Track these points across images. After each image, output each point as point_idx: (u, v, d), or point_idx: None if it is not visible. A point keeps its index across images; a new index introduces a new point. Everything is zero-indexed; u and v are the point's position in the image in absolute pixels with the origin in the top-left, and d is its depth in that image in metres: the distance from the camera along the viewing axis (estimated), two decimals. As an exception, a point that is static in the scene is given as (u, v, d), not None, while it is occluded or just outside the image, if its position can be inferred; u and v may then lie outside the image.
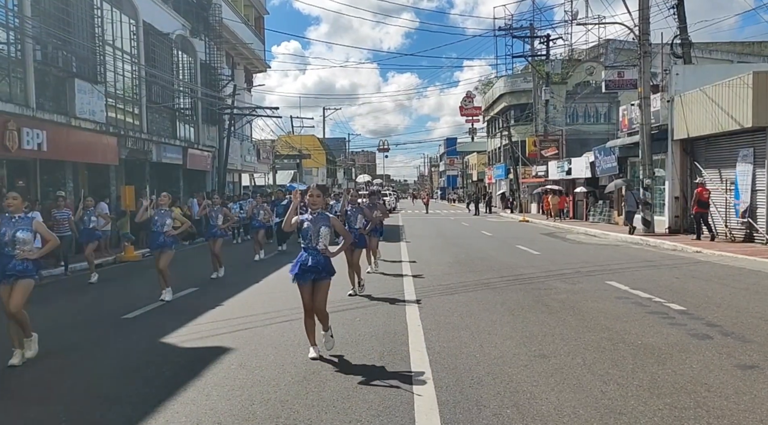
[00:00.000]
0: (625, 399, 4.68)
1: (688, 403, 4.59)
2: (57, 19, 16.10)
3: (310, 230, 5.93)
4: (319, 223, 5.96)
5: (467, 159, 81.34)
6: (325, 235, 5.92)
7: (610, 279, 11.04)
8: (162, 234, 9.65)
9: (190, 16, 26.45)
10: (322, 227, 5.94)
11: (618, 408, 4.50)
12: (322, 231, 5.94)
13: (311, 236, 5.92)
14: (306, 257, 5.92)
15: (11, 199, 6.25)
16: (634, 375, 5.28)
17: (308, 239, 5.94)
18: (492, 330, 7.10)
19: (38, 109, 15.40)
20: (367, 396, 4.86)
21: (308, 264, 5.87)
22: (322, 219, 6.00)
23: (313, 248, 5.91)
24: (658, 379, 5.17)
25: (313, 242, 5.91)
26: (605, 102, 42.19)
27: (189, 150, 25.81)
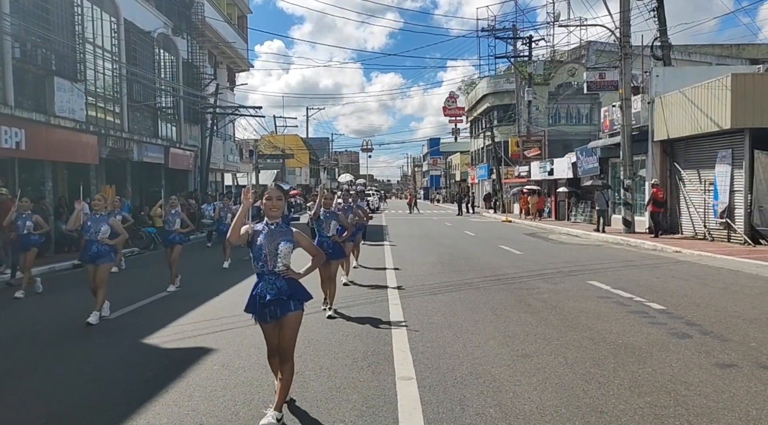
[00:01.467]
0: (607, 398, 4.73)
1: (668, 402, 4.65)
2: (36, 16, 15.87)
3: (264, 248, 4.35)
4: (277, 239, 4.38)
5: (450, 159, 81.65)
6: (285, 254, 4.40)
7: (592, 278, 11.14)
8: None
9: (172, 15, 26.23)
10: (281, 243, 4.37)
11: (599, 406, 4.55)
12: (282, 249, 4.37)
13: (266, 256, 4.36)
14: (263, 287, 4.38)
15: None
16: (615, 374, 5.34)
17: (262, 260, 4.37)
18: (475, 329, 7.13)
19: (16, 107, 15.18)
20: (350, 396, 4.86)
21: (267, 297, 4.34)
22: (282, 233, 4.42)
23: (271, 272, 4.38)
24: (638, 378, 5.23)
25: (270, 264, 4.36)
26: (587, 103, 42.60)
27: (171, 149, 25.59)
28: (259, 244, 4.37)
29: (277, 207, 4.43)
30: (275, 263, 4.37)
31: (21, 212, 10.59)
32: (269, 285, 4.37)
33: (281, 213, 4.47)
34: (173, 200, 11.25)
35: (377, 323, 7.56)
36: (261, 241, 4.37)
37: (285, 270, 4.40)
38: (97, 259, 8.15)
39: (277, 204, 4.43)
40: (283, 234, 4.43)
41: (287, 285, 4.40)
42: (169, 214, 10.89)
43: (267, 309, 4.36)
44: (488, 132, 45.49)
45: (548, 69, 41.99)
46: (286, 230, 4.47)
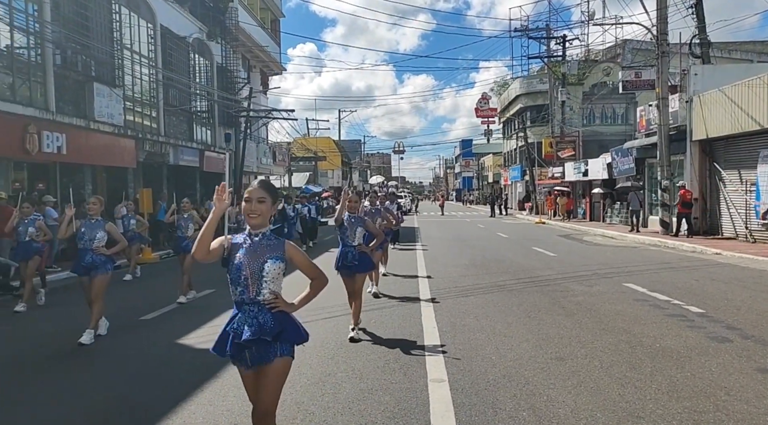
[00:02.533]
0: (643, 403, 4.64)
1: (708, 407, 4.54)
2: (76, 23, 16.30)
3: (244, 269, 3.23)
4: (262, 255, 3.26)
5: (483, 160, 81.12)
6: (273, 276, 3.26)
7: (628, 281, 10.94)
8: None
9: (206, 20, 26.65)
10: (267, 262, 3.24)
11: (636, 411, 4.46)
12: (268, 269, 3.24)
13: (246, 280, 3.24)
14: (240, 321, 3.26)
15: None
16: (652, 379, 5.23)
17: (241, 285, 3.25)
18: (508, 332, 7.07)
19: (58, 112, 15.60)
20: (382, 398, 4.86)
21: (243, 335, 3.20)
22: (269, 247, 3.29)
23: (252, 301, 3.25)
24: (676, 383, 5.12)
25: (251, 291, 3.24)
26: (622, 103, 41.88)
27: (205, 152, 26.00)
28: (238, 263, 3.22)
29: (257, 212, 3.24)
30: (258, 289, 3.24)
31: (23, 218, 9.72)
32: (249, 318, 3.22)
33: (267, 220, 3.32)
34: (185, 203, 10.61)
35: (409, 325, 7.55)
36: (240, 259, 3.22)
37: (273, 299, 3.25)
38: (91, 270, 7.21)
39: (258, 208, 3.24)
40: (271, 249, 3.26)
41: (273, 321, 3.22)
42: (181, 219, 10.37)
43: (245, 353, 3.26)
44: (521, 133, 45.09)
45: (582, 69, 41.43)
46: (276, 243, 3.29)
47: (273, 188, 3.36)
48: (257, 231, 3.29)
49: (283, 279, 3.35)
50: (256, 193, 3.26)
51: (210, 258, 3.24)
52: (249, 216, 3.25)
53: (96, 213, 7.35)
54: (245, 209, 3.24)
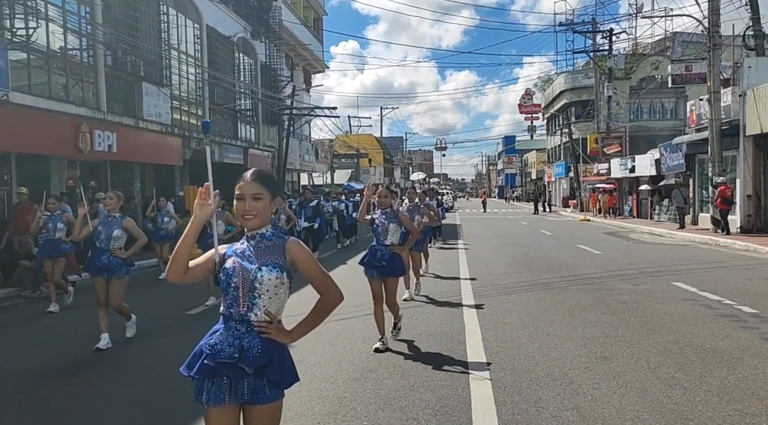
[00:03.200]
0: (692, 405, 4.51)
1: (760, 409, 4.39)
2: (126, 25, 16.76)
3: (236, 276, 2.56)
4: (258, 261, 2.58)
5: (526, 157, 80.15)
6: (269, 289, 2.55)
7: (677, 280, 10.66)
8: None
9: (251, 19, 27.04)
10: (263, 269, 2.55)
11: (684, 413, 4.35)
12: (263, 280, 2.54)
13: (237, 290, 2.56)
14: (221, 338, 2.57)
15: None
16: (702, 380, 5.09)
17: (230, 296, 2.58)
18: (551, 331, 6.97)
19: (109, 112, 16.07)
20: (424, 394, 4.86)
21: (218, 355, 2.52)
22: (268, 250, 2.61)
23: (241, 319, 2.57)
24: (727, 384, 4.96)
25: (241, 304, 2.57)
26: (672, 97, 40.73)
27: (250, 150, 26.39)
28: (230, 268, 2.57)
29: (253, 212, 2.56)
30: (250, 304, 2.53)
31: (50, 214, 9.03)
32: (231, 337, 2.52)
33: (267, 219, 2.64)
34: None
35: (451, 322, 7.52)
36: (233, 263, 2.58)
37: (265, 323, 2.54)
38: (106, 272, 6.58)
39: (254, 207, 2.56)
40: (269, 252, 2.58)
41: (261, 348, 2.50)
42: None
43: (217, 382, 2.52)
44: (566, 129, 44.35)
45: (630, 63, 40.43)
46: (276, 244, 2.61)
47: (270, 180, 2.69)
48: (255, 233, 2.63)
49: (287, 294, 2.62)
50: (250, 188, 2.59)
51: (191, 278, 2.58)
52: (244, 217, 2.58)
53: (113, 209, 6.74)
54: (238, 209, 2.58)
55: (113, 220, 6.71)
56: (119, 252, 6.66)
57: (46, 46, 13.88)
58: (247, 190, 2.60)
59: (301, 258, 2.62)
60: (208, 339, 2.59)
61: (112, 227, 6.65)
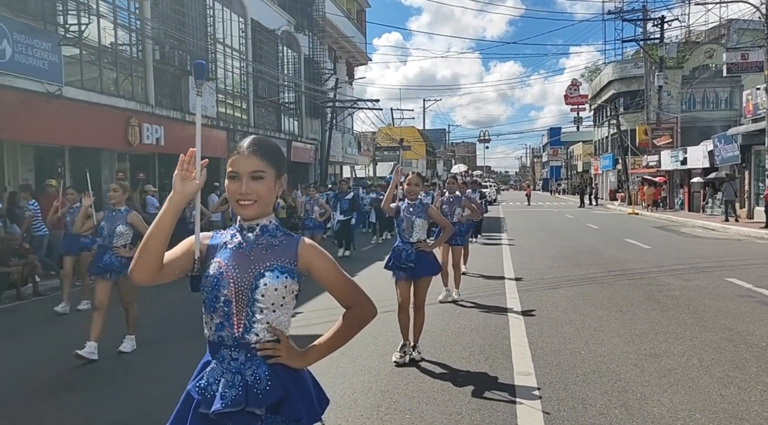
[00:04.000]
0: (748, 405, 4.33)
1: (823, 413, 4.18)
2: (173, 19, 17.07)
3: (224, 286, 1.91)
4: (254, 264, 1.92)
5: (572, 149, 78.61)
6: (276, 302, 1.92)
7: (731, 275, 10.29)
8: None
9: (294, 12, 27.21)
10: (264, 275, 1.90)
11: (739, 413, 4.18)
12: (265, 288, 1.89)
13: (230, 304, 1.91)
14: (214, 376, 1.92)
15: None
16: (757, 379, 4.88)
17: (218, 314, 1.93)
18: (598, 326, 6.81)
19: (157, 105, 16.42)
20: (467, 389, 4.80)
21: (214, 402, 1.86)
22: (269, 249, 1.95)
23: (237, 344, 1.92)
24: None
25: (236, 324, 1.91)
26: (726, 86, 39.26)
27: (293, 143, 26.63)
28: (216, 274, 1.91)
29: (251, 196, 1.91)
30: (249, 323, 1.90)
31: (71, 205, 8.32)
32: (228, 372, 1.91)
33: (270, 206, 1.99)
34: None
35: (494, 316, 7.43)
36: (221, 268, 1.92)
37: (271, 344, 1.93)
38: (110, 272, 5.94)
39: (253, 189, 1.90)
40: (275, 253, 1.94)
41: (271, 378, 1.91)
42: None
43: None
44: (613, 120, 43.29)
45: (682, 51, 39.13)
46: (284, 243, 1.97)
47: (275, 152, 1.95)
48: (253, 223, 1.94)
49: (293, 304, 1.97)
50: (248, 163, 1.87)
51: (164, 278, 1.88)
52: (239, 203, 1.89)
53: (118, 202, 6.05)
54: (231, 191, 1.89)
55: (118, 214, 6.02)
56: (122, 250, 5.90)
57: (97, 42, 14.25)
58: (243, 165, 1.88)
59: (321, 264, 1.96)
60: (197, 380, 1.90)
61: (115, 222, 5.99)
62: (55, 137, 12.93)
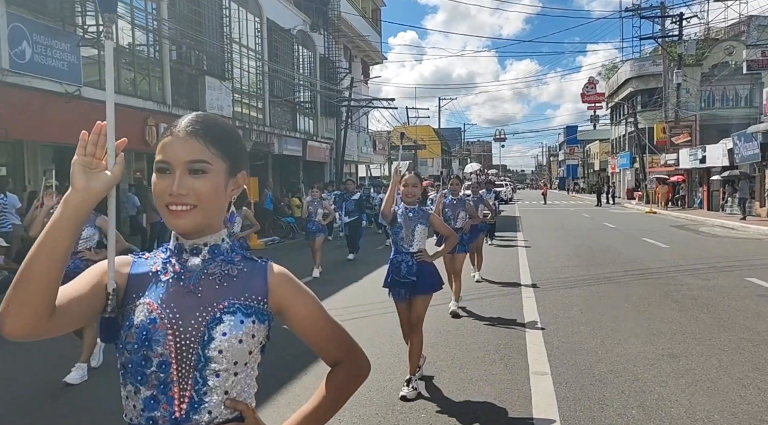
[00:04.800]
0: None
1: None
2: (190, 20, 17.19)
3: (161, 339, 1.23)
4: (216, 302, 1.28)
5: (588, 147, 78.06)
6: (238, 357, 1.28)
7: (751, 275, 10.15)
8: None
9: (310, 12, 27.28)
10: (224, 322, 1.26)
11: (759, 414, 4.12)
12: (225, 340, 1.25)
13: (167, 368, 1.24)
14: None
15: None
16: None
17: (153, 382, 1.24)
18: (615, 326, 6.75)
19: (174, 105, 16.55)
20: (483, 388, 4.79)
21: None
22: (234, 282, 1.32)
23: None
24: (807, 387, 4.68)
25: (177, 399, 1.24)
26: (746, 84, 38.75)
27: (308, 142, 26.70)
28: (144, 323, 1.24)
29: (186, 196, 1.26)
30: (197, 396, 1.25)
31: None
32: None
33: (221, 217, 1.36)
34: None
35: (510, 315, 7.39)
36: (153, 313, 1.26)
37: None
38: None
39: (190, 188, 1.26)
40: (234, 287, 1.33)
41: None
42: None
43: None
44: (631, 118, 42.91)
45: (701, 48, 38.67)
46: (247, 272, 1.37)
47: (228, 136, 1.34)
48: (198, 242, 1.34)
49: (259, 359, 1.43)
50: (185, 150, 1.28)
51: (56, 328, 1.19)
52: (169, 208, 1.27)
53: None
54: (158, 191, 1.29)
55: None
56: (89, 253, 5.30)
57: (115, 42, 14.38)
58: (177, 152, 1.28)
59: (301, 302, 1.41)
60: None
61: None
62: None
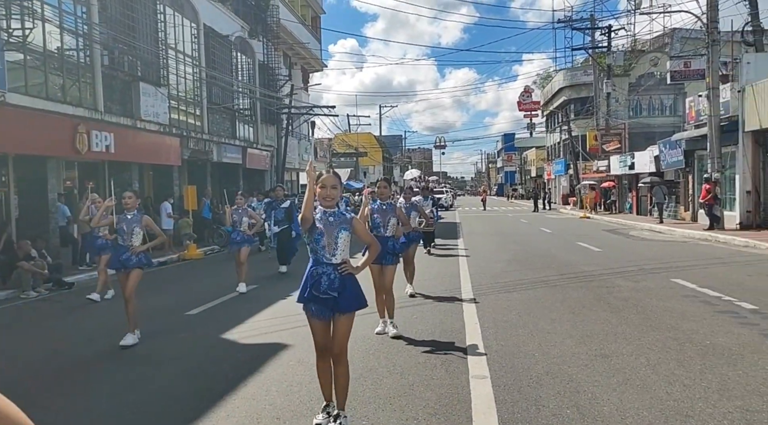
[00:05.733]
0: (692, 402, 4.49)
1: (761, 406, 4.37)
2: (123, 24, 16.72)
3: None
4: None
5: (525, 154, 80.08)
6: None
7: (676, 276, 10.64)
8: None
9: (248, 18, 27.00)
10: None
11: (684, 410, 4.33)
12: None
13: None
14: None
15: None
16: (702, 377, 5.07)
17: None
18: (551, 328, 6.95)
19: (106, 112, 16.03)
20: (423, 393, 4.84)
21: None
22: None
23: None
24: (728, 381, 4.94)
25: None
26: (671, 93, 40.69)
27: (248, 149, 26.37)
28: None
29: None
30: None
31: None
32: None
33: None
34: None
35: (451, 321, 7.50)
36: None
37: None
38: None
39: None
40: None
41: None
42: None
43: None
44: (565, 126, 44.34)
45: (629, 59, 40.41)
46: None
47: None
48: None
49: None
50: None
51: None
52: None
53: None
54: None
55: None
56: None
57: (42, 47, 13.84)
58: None
59: None
60: None
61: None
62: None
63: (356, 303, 4.22)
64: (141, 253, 7.00)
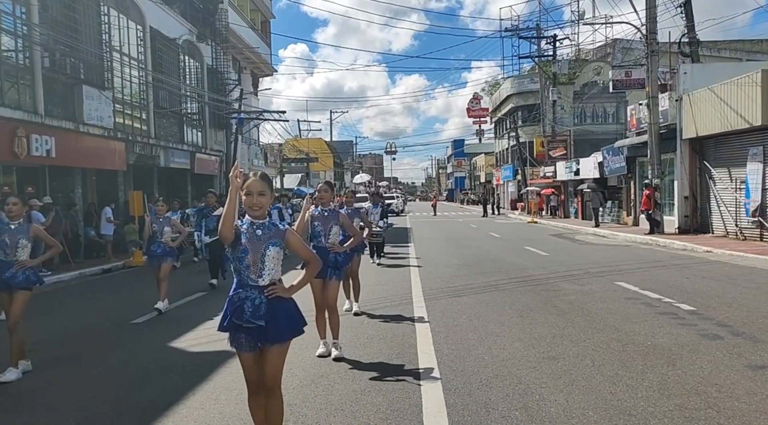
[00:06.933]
0: (635, 401, 4.65)
1: (699, 404, 4.55)
2: (64, 26, 16.20)
3: None
4: None
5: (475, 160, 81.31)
6: None
7: (619, 279, 10.98)
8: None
9: (196, 21, 26.57)
10: None
11: (627, 409, 4.47)
12: None
13: None
14: None
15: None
16: (643, 377, 5.24)
17: None
18: (500, 332, 7.07)
19: (47, 115, 15.50)
20: (375, 398, 4.85)
21: None
22: None
23: None
24: (668, 380, 5.13)
25: None
26: (613, 102, 42.07)
27: (197, 154, 25.91)
28: None
29: None
30: None
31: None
32: None
33: None
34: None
35: (402, 325, 7.54)
36: None
37: None
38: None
39: None
40: None
41: None
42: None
43: None
44: (513, 132, 45.23)
45: (573, 68, 41.60)
46: None
47: None
48: None
49: None
50: None
51: None
52: None
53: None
54: None
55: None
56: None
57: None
58: None
59: None
60: None
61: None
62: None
63: (288, 332, 3.62)
64: (29, 269, 5.89)
